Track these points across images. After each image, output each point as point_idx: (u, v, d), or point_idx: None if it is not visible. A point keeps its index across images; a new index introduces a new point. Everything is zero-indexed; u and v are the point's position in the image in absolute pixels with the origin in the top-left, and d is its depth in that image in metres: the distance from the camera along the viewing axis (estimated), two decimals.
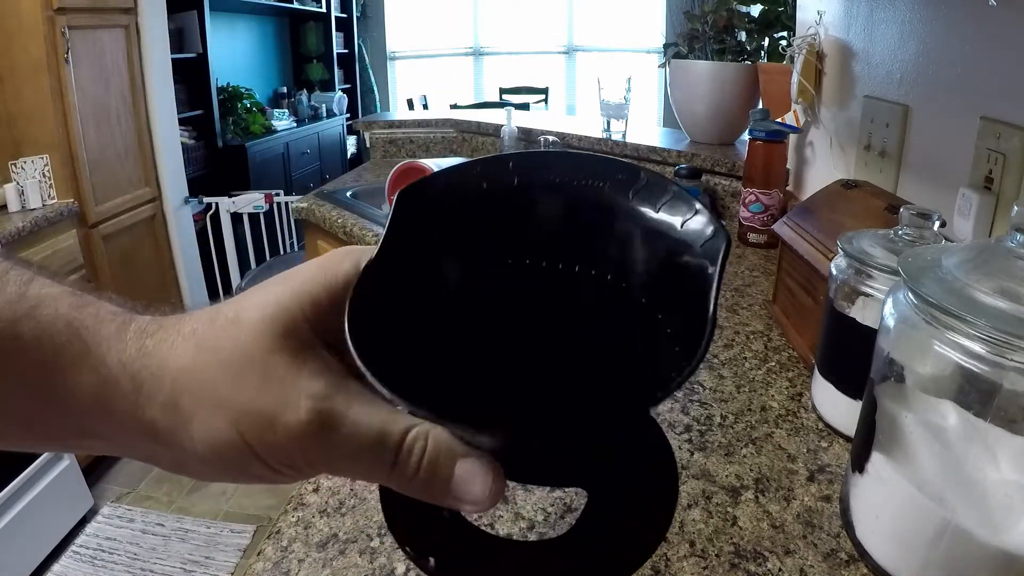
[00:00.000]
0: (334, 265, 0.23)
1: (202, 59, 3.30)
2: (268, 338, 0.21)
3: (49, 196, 2.02)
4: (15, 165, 1.95)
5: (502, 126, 1.77)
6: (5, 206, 1.91)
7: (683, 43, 1.57)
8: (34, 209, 1.94)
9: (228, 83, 3.65)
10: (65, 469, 1.83)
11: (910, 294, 0.41)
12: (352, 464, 0.21)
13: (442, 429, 0.21)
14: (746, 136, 1.24)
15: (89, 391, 0.21)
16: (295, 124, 4.12)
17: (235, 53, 3.90)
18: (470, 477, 0.21)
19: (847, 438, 0.60)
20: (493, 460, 0.21)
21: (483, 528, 0.25)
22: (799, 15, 1.23)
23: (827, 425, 0.63)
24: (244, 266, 2.83)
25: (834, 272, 0.60)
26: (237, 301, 0.22)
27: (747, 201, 1.17)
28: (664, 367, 0.21)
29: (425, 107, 4.62)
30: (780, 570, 0.46)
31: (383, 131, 2.08)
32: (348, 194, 1.62)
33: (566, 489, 0.55)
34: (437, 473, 0.21)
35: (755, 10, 1.51)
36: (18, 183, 1.93)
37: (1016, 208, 0.37)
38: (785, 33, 1.44)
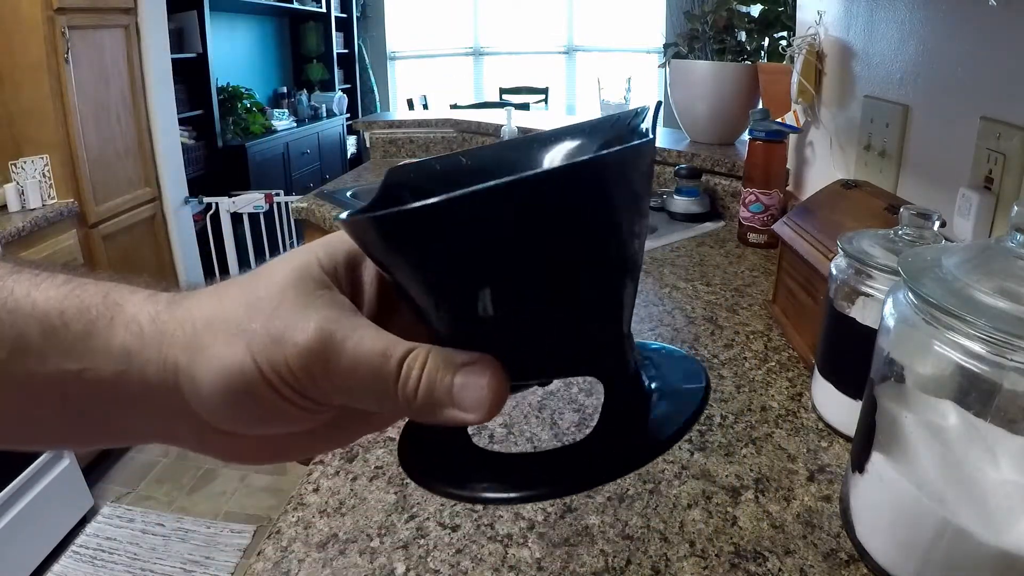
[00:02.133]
0: (324, 247, 0.25)
1: (202, 59, 3.30)
2: (285, 280, 0.22)
3: (49, 196, 2.02)
4: (15, 165, 1.95)
5: (502, 126, 1.77)
6: (5, 206, 1.91)
7: (683, 43, 1.57)
8: (34, 209, 1.94)
9: (228, 83, 3.65)
10: (65, 469, 1.83)
11: (910, 294, 0.41)
12: (357, 386, 0.21)
13: (440, 348, 0.22)
14: (746, 136, 1.24)
15: (119, 346, 0.22)
16: (295, 124, 4.12)
17: (235, 53, 3.90)
18: (470, 381, 0.21)
19: (847, 438, 0.60)
20: (493, 359, 0.22)
21: (483, 527, 0.25)
22: (799, 15, 1.23)
23: (827, 425, 0.63)
24: (244, 266, 2.84)
25: (834, 272, 0.60)
26: (258, 272, 0.23)
27: (747, 201, 1.17)
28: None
29: (425, 107, 4.62)
30: (780, 570, 0.46)
31: (383, 131, 2.08)
32: (348, 194, 1.62)
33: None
34: (437, 384, 0.21)
35: (755, 10, 1.51)
36: (18, 183, 1.93)
37: (1016, 208, 0.37)
38: (785, 33, 1.44)
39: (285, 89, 4.41)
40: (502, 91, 5.00)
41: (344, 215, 0.22)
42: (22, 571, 1.66)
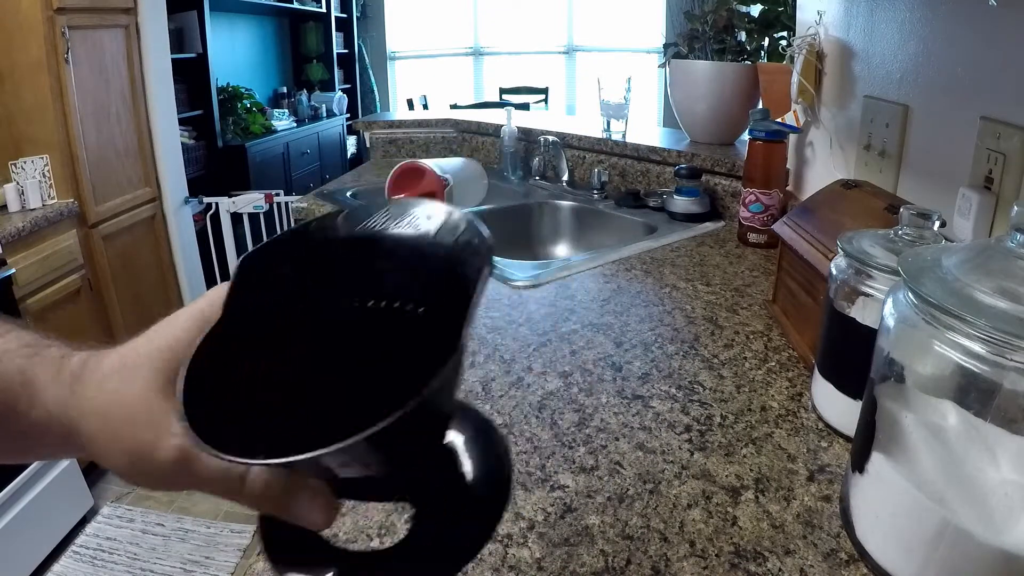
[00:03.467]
0: (213, 311, 0.29)
1: (202, 59, 3.30)
2: (152, 385, 0.28)
3: (49, 196, 2.01)
4: (15, 165, 1.95)
5: (502, 126, 1.77)
6: (5, 206, 1.91)
7: (683, 43, 1.57)
8: (34, 209, 1.94)
9: (228, 83, 3.65)
10: (65, 469, 1.83)
11: (910, 294, 0.41)
12: (211, 487, 0.27)
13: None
14: (746, 136, 1.24)
15: (40, 424, 0.29)
16: (295, 124, 4.12)
17: (235, 53, 3.89)
18: (304, 504, 0.27)
19: (847, 438, 0.60)
20: (321, 487, 0.28)
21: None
22: (799, 15, 1.23)
23: (827, 425, 0.63)
24: None
25: (834, 272, 0.60)
26: (135, 347, 0.29)
27: (747, 201, 1.17)
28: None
29: (425, 107, 4.62)
30: (780, 570, 0.46)
31: (383, 131, 2.08)
32: (348, 194, 1.62)
33: (565, 489, 0.55)
34: (277, 502, 0.27)
35: (755, 10, 1.51)
36: (18, 183, 1.93)
37: (1016, 208, 0.37)
38: (785, 33, 1.44)
39: (285, 89, 4.41)
40: (502, 91, 5.00)
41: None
42: (22, 571, 1.66)
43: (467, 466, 0.31)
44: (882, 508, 0.44)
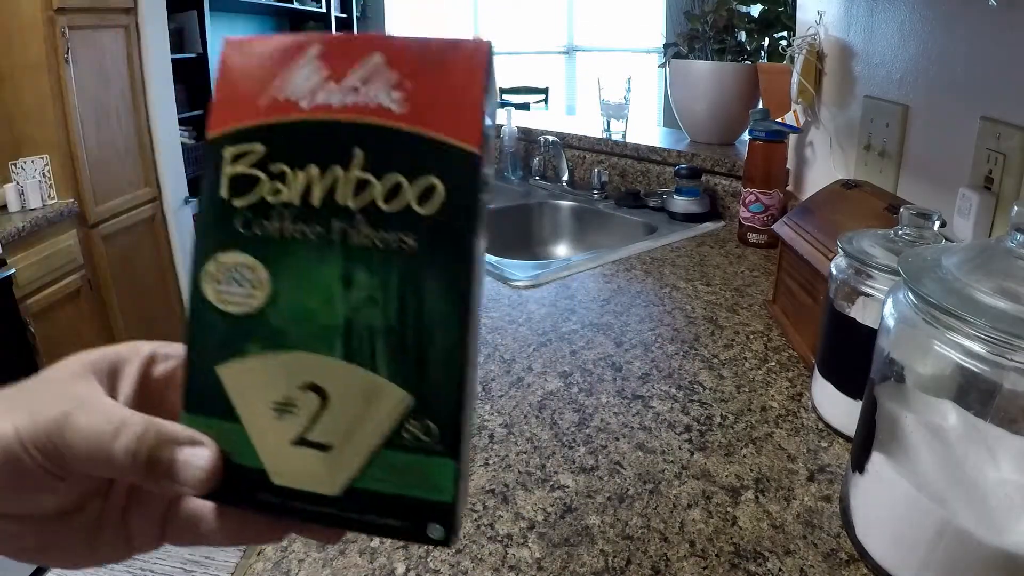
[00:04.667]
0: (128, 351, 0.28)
1: (202, 59, 3.30)
2: (49, 373, 0.26)
3: (49, 196, 2.01)
4: (15, 165, 1.95)
5: (502, 126, 1.77)
6: (5, 206, 1.91)
7: (683, 43, 1.57)
8: (34, 209, 1.94)
9: None
10: None
11: (910, 294, 0.41)
12: (84, 447, 0.24)
13: (165, 422, 0.24)
14: (746, 136, 1.24)
15: None
16: None
17: None
18: (187, 459, 0.24)
19: (847, 438, 0.60)
20: (211, 444, 0.24)
21: (483, 527, 0.25)
22: (799, 15, 1.23)
23: (827, 425, 0.63)
24: None
25: (834, 272, 0.60)
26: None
27: (747, 201, 1.17)
28: None
29: None
30: (780, 570, 0.46)
31: None
32: None
33: (565, 489, 0.55)
34: (157, 455, 0.24)
35: (755, 10, 1.51)
36: (18, 183, 1.93)
37: (1016, 208, 0.37)
38: (785, 33, 1.44)
39: None
40: (502, 91, 4.99)
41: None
42: (22, 571, 1.66)
43: None
44: (882, 508, 0.44)
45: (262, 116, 0.24)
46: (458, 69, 0.23)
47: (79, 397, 0.25)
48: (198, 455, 0.24)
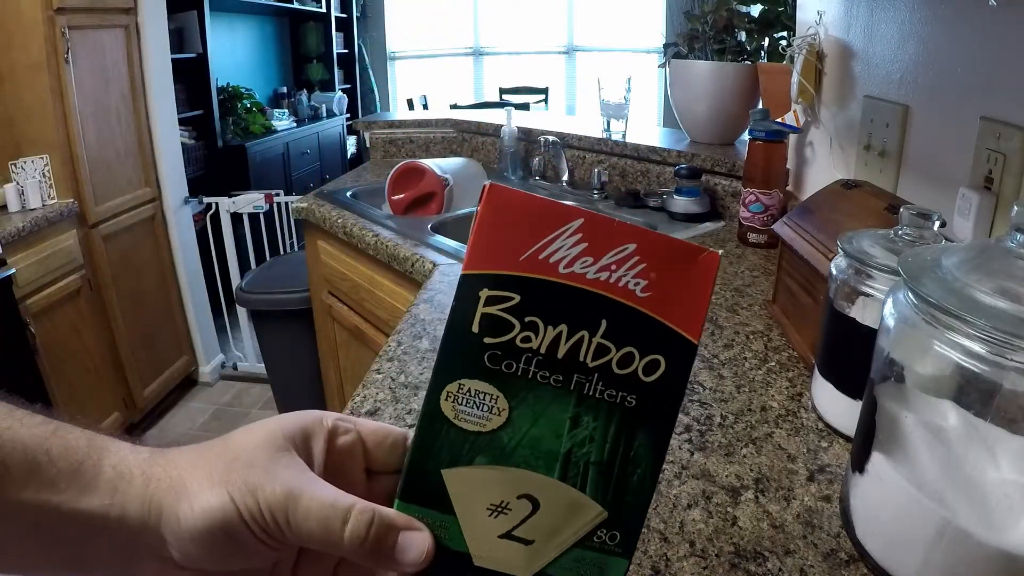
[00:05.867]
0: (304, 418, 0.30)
1: (202, 59, 3.30)
2: (255, 444, 0.28)
3: (49, 196, 2.01)
4: (15, 165, 1.95)
5: (502, 126, 1.77)
6: (5, 206, 1.91)
7: (683, 43, 1.57)
8: (34, 209, 1.94)
9: (228, 83, 3.65)
10: None
11: (910, 294, 0.41)
12: (312, 529, 0.26)
13: (386, 509, 0.28)
14: (746, 136, 1.24)
15: (106, 483, 0.26)
16: (295, 124, 4.11)
17: (235, 53, 3.89)
18: (409, 544, 0.27)
19: (847, 438, 0.60)
20: (426, 530, 0.28)
21: None
22: (799, 15, 1.23)
23: (827, 425, 0.63)
24: (244, 266, 2.83)
25: (834, 272, 0.60)
26: (228, 436, 0.29)
27: (747, 201, 1.17)
28: None
29: (425, 107, 4.62)
30: (780, 570, 0.46)
31: (383, 131, 2.08)
32: (348, 194, 1.62)
33: None
34: (383, 539, 0.27)
35: (755, 10, 1.51)
36: (18, 183, 1.93)
37: (1016, 208, 0.37)
38: (785, 33, 1.44)
39: (285, 89, 4.41)
40: (502, 91, 5.00)
41: None
42: None
43: None
44: (882, 508, 0.44)
45: (521, 269, 0.28)
46: (694, 272, 0.29)
47: (296, 479, 0.27)
48: (418, 540, 0.28)
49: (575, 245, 0.27)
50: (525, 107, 4.28)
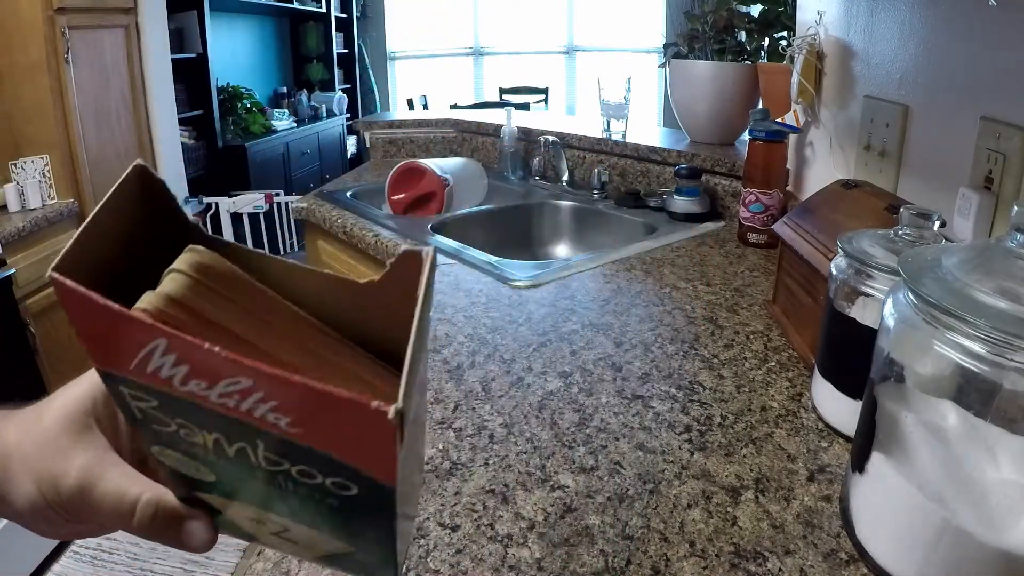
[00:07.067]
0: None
1: (202, 59, 3.30)
2: (61, 424, 0.31)
3: (49, 196, 2.01)
4: (15, 165, 1.95)
5: (502, 126, 1.77)
6: (5, 206, 1.91)
7: (683, 43, 1.57)
8: (34, 209, 1.94)
9: (228, 83, 3.65)
10: None
11: (910, 294, 0.41)
12: (104, 517, 0.29)
13: (169, 494, 0.29)
14: (746, 136, 1.24)
15: None
16: (295, 124, 4.12)
17: (235, 53, 3.90)
18: (192, 532, 0.30)
19: (847, 438, 0.60)
20: (208, 518, 0.30)
21: (483, 527, 0.27)
22: (799, 15, 1.23)
23: (827, 425, 0.63)
24: None
25: (834, 272, 0.60)
26: (50, 400, 0.32)
27: (747, 201, 1.17)
28: None
29: (425, 107, 4.62)
30: (780, 570, 0.46)
31: (383, 131, 2.08)
32: (348, 194, 1.62)
33: (565, 489, 0.55)
34: (166, 530, 0.30)
35: (755, 10, 1.51)
36: (18, 183, 1.93)
37: (1016, 208, 0.37)
38: (785, 33, 1.44)
39: (285, 89, 4.41)
40: (502, 91, 5.00)
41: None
42: (22, 571, 1.66)
43: None
44: (882, 508, 0.44)
45: (139, 376, 0.23)
46: (361, 422, 0.22)
47: (90, 468, 0.29)
48: (200, 529, 0.30)
49: (176, 366, 0.22)
50: (525, 107, 4.28)
